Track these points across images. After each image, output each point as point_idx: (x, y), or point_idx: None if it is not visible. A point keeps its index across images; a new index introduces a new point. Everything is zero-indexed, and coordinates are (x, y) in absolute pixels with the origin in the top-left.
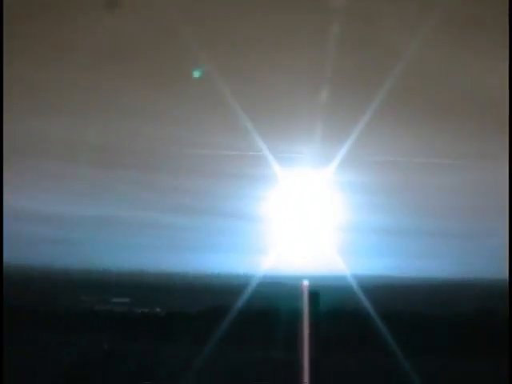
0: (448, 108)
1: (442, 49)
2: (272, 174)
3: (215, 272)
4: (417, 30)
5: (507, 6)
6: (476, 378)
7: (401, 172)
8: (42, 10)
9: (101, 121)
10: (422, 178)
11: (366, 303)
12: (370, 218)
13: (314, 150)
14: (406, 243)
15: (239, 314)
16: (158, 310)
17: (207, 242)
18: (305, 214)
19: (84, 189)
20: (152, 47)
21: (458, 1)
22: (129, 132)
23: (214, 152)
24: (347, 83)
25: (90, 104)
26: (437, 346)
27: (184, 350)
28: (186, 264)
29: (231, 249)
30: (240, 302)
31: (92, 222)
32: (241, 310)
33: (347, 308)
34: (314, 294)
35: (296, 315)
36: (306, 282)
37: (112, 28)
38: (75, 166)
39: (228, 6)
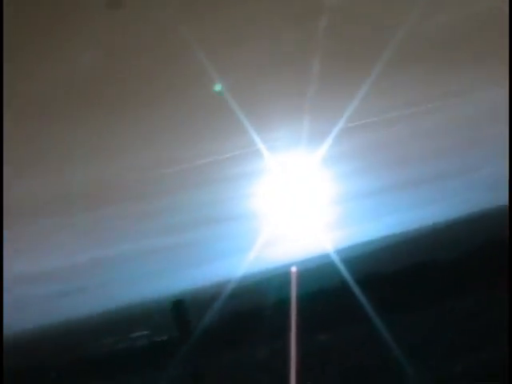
0: (409, 55)
1: None
2: (262, 166)
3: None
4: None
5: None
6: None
7: (382, 130)
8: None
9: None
10: (403, 130)
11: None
12: (360, 183)
13: (301, 131)
14: (399, 198)
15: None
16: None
17: (206, 252)
18: (294, 191)
19: (73, 236)
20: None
21: None
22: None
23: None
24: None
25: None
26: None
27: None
28: (190, 280)
29: (231, 253)
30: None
31: (90, 267)
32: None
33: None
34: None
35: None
36: (294, 268)
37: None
38: (63, 217)
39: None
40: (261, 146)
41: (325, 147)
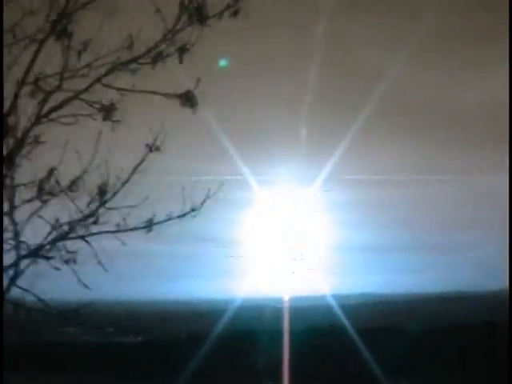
0: (428, 125)
1: (414, 66)
2: (253, 197)
3: (196, 298)
4: (397, 47)
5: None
6: None
7: (382, 189)
8: None
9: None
10: (403, 195)
11: (348, 321)
12: (352, 236)
13: (295, 170)
14: (390, 259)
15: (220, 338)
16: (139, 338)
17: (186, 268)
18: (288, 234)
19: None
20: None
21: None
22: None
23: (189, 178)
24: (327, 103)
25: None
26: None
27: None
28: (164, 291)
29: (211, 274)
30: (220, 326)
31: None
32: (221, 334)
33: (329, 326)
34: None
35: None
36: (287, 303)
37: None
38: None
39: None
40: (251, 177)
41: (322, 193)
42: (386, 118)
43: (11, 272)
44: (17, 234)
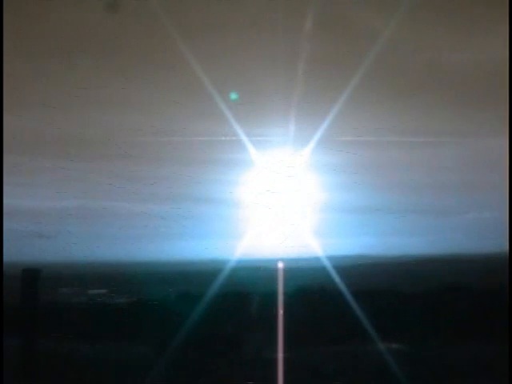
0: (420, 85)
1: (407, 29)
2: (247, 158)
3: (191, 258)
4: (392, 7)
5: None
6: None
7: (376, 151)
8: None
9: (73, 112)
10: (398, 157)
11: (341, 283)
12: (346, 197)
13: (288, 132)
14: (384, 222)
15: (214, 298)
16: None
17: (183, 229)
18: (280, 196)
19: (55, 181)
20: (122, 34)
21: None
22: (99, 123)
23: (187, 139)
24: (320, 65)
25: (62, 95)
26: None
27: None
28: (163, 252)
29: (207, 234)
30: (215, 287)
31: (65, 214)
32: (215, 295)
33: (321, 288)
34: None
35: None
36: (281, 264)
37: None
38: (48, 158)
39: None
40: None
41: (316, 154)
42: (380, 79)
43: None
44: None
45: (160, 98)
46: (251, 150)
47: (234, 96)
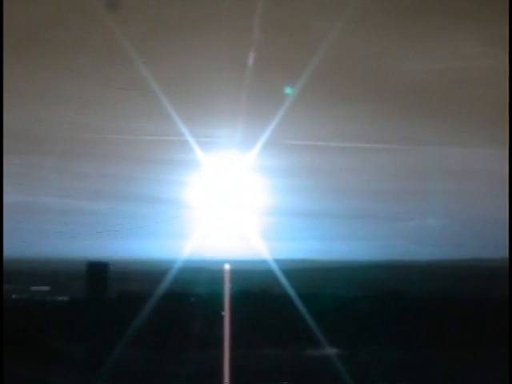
0: (368, 92)
1: (362, 32)
2: (193, 158)
3: (137, 258)
4: (338, 12)
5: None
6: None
7: (323, 155)
8: None
9: (19, 107)
10: (345, 162)
11: (283, 287)
12: (292, 201)
13: (235, 134)
14: (328, 226)
15: (160, 299)
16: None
17: (129, 227)
18: (227, 198)
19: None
20: (70, 32)
21: None
22: (48, 118)
23: (134, 137)
24: (269, 67)
25: (8, 90)
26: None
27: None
28: (107, 250)
29: (153, 234)
30: (161, 287)
31: (10, 210)
32: (161, 295)
33: (264, 290)
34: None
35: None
36: (227, 266)
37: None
38: None
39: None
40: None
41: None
42: (329, 84)
43: None
44: None
45: (107, 96)
46: (198, 150)
47: (289, 91)
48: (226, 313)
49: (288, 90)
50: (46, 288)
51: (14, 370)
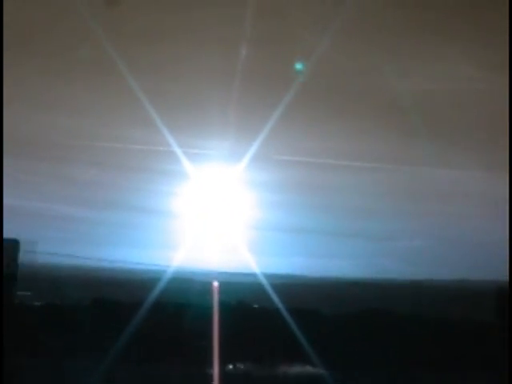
0: (358, 109)
1: (350, 50)
2: (183, 170)
3: (124, 266)
4: (327, 30)
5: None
6: None
7: (310, 172)
8: None
9: (9, 112)
10: (332, 179)
11: (266, 302)
12: (278, 216)
13: (225, 148)
14: (315, 243)
15: (148, 308)
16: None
17: (116, 236)
18: (215, 210)
19: None
20: (64, 41)
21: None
22: (38, 124)
23: (124, 146)
24: (259, 81)
25: None
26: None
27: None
28: (95, 257)
29: (141, 243)
30: (150, 297)
31: None
32: (150, 304)
33: (252, 305)
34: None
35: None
36: (216, 283)
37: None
38: None
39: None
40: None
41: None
42: (318, 100)
43: None
44: None
45: (99, 103)
46: (187, 162)
47: (299, 66)
48: (214, 326)
49: (298, 66)
50: (29, 293)
51: None
